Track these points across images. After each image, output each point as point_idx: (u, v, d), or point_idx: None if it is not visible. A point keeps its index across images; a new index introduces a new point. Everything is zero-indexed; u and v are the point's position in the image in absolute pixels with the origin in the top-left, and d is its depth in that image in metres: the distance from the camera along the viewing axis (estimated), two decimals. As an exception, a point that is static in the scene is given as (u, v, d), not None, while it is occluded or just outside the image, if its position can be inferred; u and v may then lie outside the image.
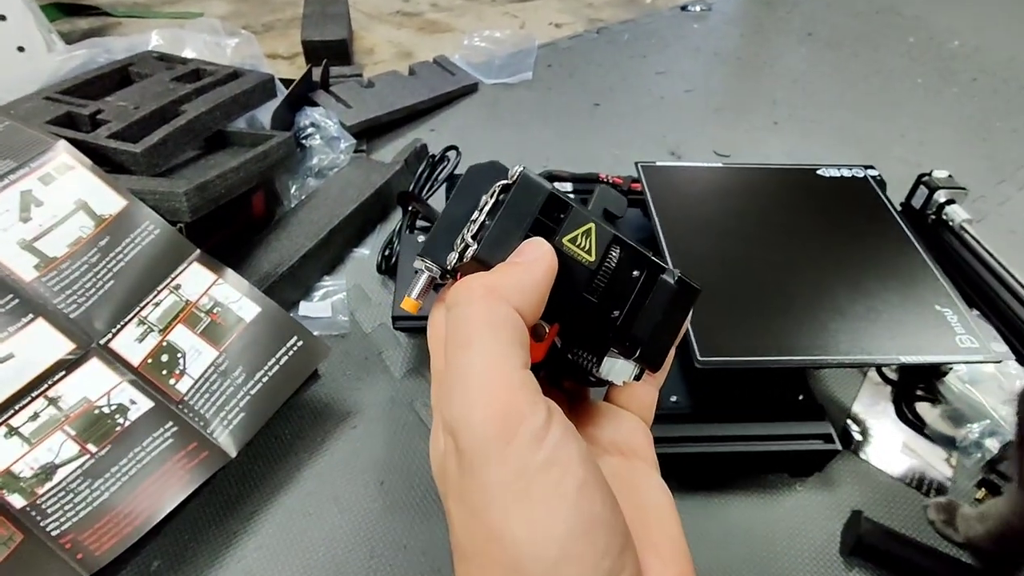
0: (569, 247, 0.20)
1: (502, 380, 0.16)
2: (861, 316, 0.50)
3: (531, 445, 0.16)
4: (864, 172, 0.63)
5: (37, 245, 0.46)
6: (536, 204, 0.20)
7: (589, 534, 0.16)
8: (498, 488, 0.16)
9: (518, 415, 0.16)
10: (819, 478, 0.51)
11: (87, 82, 0.64)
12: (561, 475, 0.16)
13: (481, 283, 0.18)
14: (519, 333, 0.18)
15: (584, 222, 0.20)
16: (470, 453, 0.16)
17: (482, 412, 0.16)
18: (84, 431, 0.42)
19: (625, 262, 0.21)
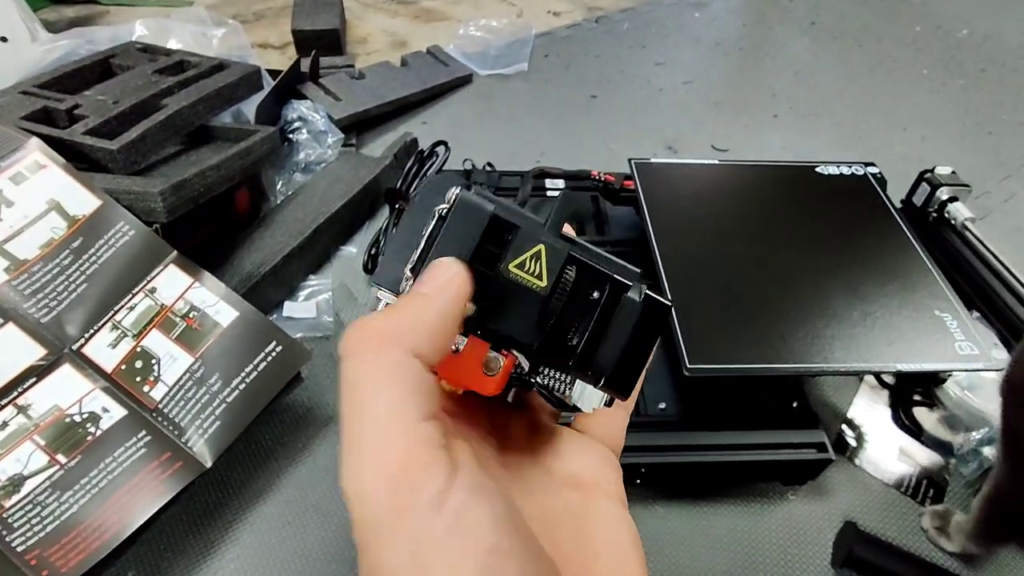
0: (517, 274, 0.18)
1: (396, 442, 0.15)
2: (858, 321, 0.48)
3: (428, 515, 0.14)
4: (864, 170, 0.62)
5: (7, 247, 0.45)
6: (477, 229, 0.18)
7: None
8: (394, 569, 0.14)
9: (413, 480, 0.14)
10: (812, 486, 0.50)
11: (66, 75, 0.62)
12: (464, 547, 0.14)
13: (371, 329, 0.16)
14: (418, 381, 0.16)
15: (532, 244, 0.18)
16: (363, 529, 0.15)
17: (372, 482, 0.14)
18: (54, 441, 0.41)
19: (581, 284, 0.19)
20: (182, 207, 0.50)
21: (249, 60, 0.76)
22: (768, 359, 0.45)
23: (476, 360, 0.18)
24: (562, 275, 0.19)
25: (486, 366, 0.19)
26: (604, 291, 0.19)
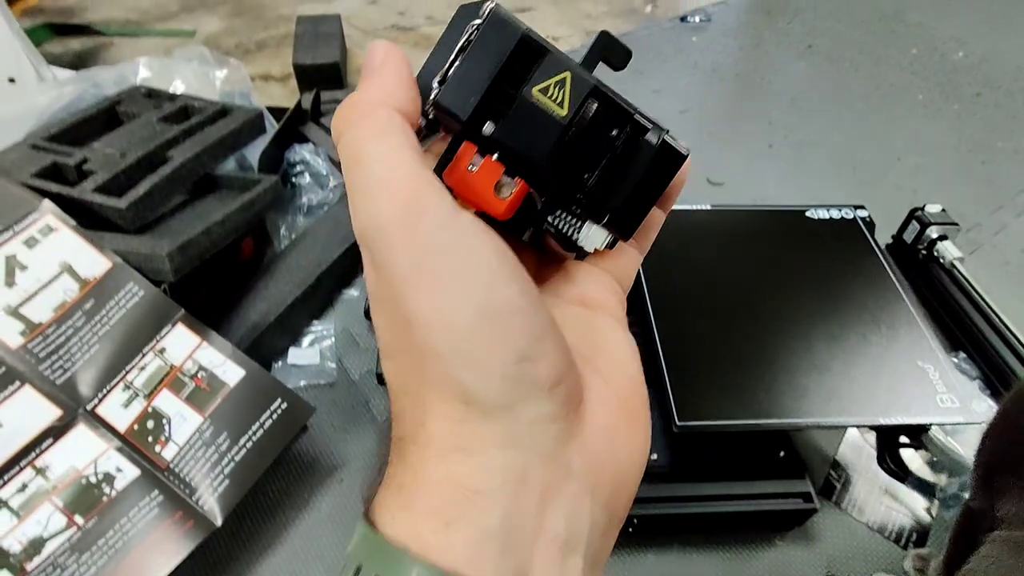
0: (539, 98, 0.18)
1: (403, 177, 0.16)
2: (841, 373, 0.50)
3: (438, 227, 0.16)
4: (853, 213, 0.63)
5: (22, 311, 0.47)
6: (507, 47, 0.18)
7: (501, 317, 0.16)
8: (406, 270, 0.16)
9: (423, 203, 0.16)
10: (799, 531, 0.52)
11: (74, 125, 0.64)
12: (469, 257, 0.16)
13: (355, 100, 0.18)
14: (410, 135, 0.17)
15: (559, 71, 0.18)
16: (379, 248, 0.16)
17: (387, 208, 0.16)
18: (72, 502, 0.43)
19: (602, 118, 0.19)
20: (188, 265, 0.52)
21: (251, 98, 0.77)
22: (755, 414, 0.47)
23: (490, 181, 0.19)
24: (583, 106, 0.18)
25: (498, 188, 0.19)
26: (624, 129, 0.19)
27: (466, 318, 0.16)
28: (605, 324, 0.21)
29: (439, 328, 0.16)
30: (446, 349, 0.16)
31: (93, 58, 0.97)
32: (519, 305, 0.16)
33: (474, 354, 0.16)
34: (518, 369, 0.16)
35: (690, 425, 0.46)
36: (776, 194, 0.81)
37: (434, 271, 0.16)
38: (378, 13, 1.12)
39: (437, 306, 0.16)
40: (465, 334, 0.16)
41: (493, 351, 0.16)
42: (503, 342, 0.16)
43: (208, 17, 1.09)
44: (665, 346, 0.50)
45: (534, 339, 0.16)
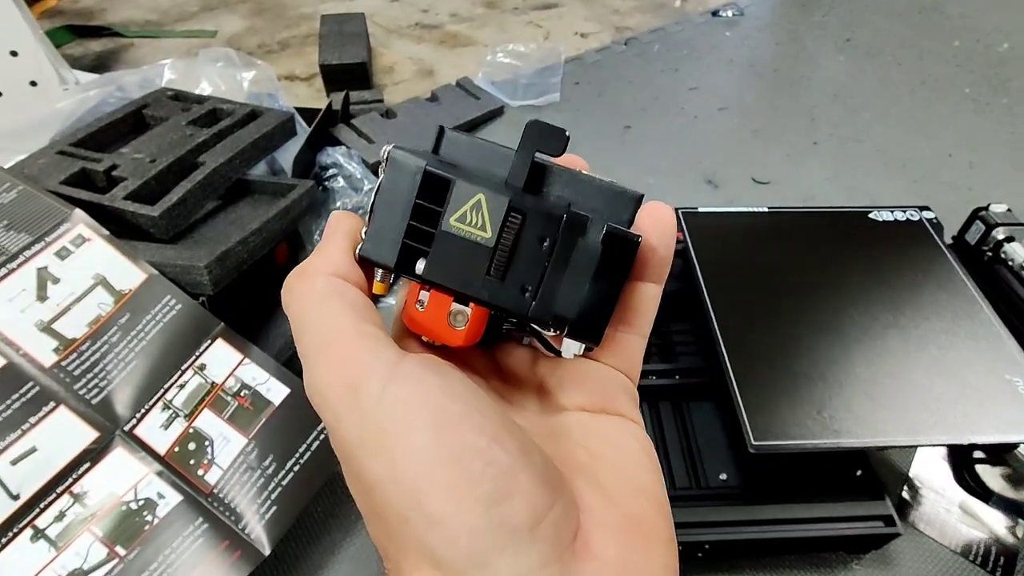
0: (458, 227, 0.18)
1: (339, 341, 0.17)
2: (923, 386, 0.46)
3: (377, 389, 0.16)
4: (919, 215, 0.59)
5: (55, 326, 0.44)
6: (412, 187, 0.18)
7: (458, 462, 0.15)
8: (354, 438, 0.16)
9: (361, 366, 0.16)
10: (877, 554, 0.49)
11: (101, 130, 0.61)
12: (414, 409, 0.16)
13: (297, 272, 0.19)
14: (347, 295, 0.18)
15: (471, 195, 0.18)
16: (327, 417, 0.17)
17: (326, 377, 0.16)
18: (112, 531, 0.40)
19: (530, 231, 0.18)
20: (227, 277, 0.49)
21: (279, 100, 0.75)
22: (836, 433, 0.44)
23: (441, 314, 0.19)
24: (505, 223, 0.18)
25: (453, 318, 0.19)
26: (556, 235, 0.18)
27: (418, 474, 0.15)
28: (610, 427, 0.20)
29: (395, 491, 0.15)
30: (406, 511, 0.15)
31: (114, 60, 0.94)
32: (474, 445, 0.15)
33: (435, 511, 0.15)
34: (488, 517, 0.15)
35: (767, 445, 0.43)
36: (824, 193, 0.77)
37: (380, 435, 0.15)
38: (401, 11, 1.10)
39: (389, 469, 0.15)
40: (421, 491, 0.15)
41: (454, 503, 0.15)
42: (463, 491, 0.15)
43: (229, 17, 1.07)
44: (732, 360, 0.47)
45: (501, 477, 0.15)
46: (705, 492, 0.47)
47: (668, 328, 0.56)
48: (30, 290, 0.45)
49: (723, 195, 0.76)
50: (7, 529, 0.39)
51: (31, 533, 0.39)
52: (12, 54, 0.73)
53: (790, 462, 0.48)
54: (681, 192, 0.75)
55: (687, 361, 0.53)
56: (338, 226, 0.19)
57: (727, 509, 0.46)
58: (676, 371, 0.52)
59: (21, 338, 0.43)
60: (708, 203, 0.61)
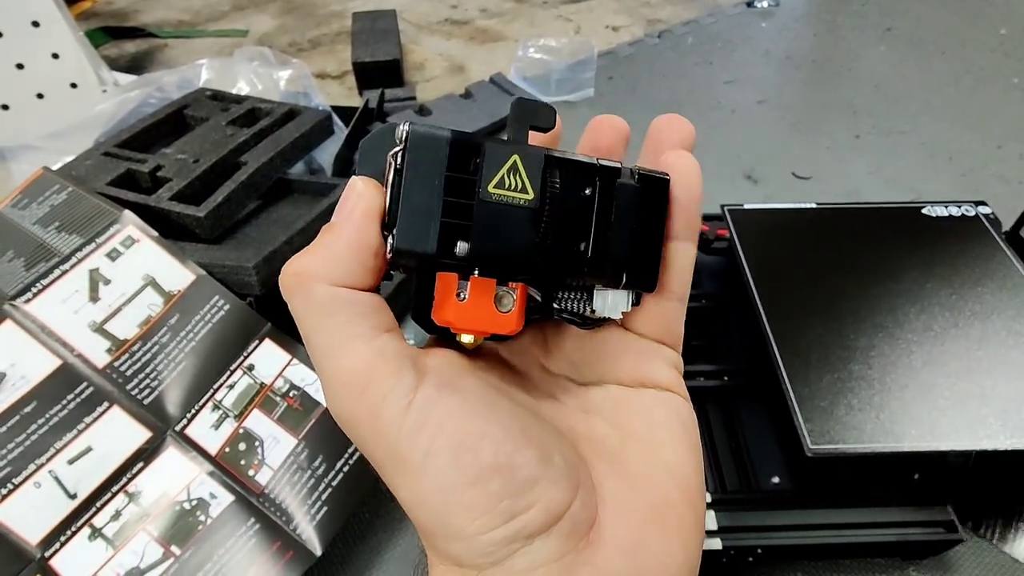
0: (500, 193, 0.17)
1: (355, 363, 0.16)
2: (988, 388, 0.45)
3: (398, 417, 0.16)
4: (975, 210, 0.57)
5: (107, 327, 0.45)
6: (441, 161, 0.16)
7: (478, 483, 0.16)
8: (380, 459, 0.16)
9: (380, 396, 0.16)
10: (936, 560, 0.47)
11: (144, 131, 0.62)
12: (433, 435, 0.16)
13: (296, 267, 0.17)
14: (356, 305, 0.16)
15: (505, 157, 0.17)
16: (353, 439, 0.17)
17: (346, 403, 0.16)
18: (167, 531, 0.40)
19: (570, 184, 0.17)
20: (274, 277, 0.49)
21: (314, 98, 0.75)
22: (894, 435, 0.43)
23: (487, 301, 0.17)
24: (547, 180, 0.17)
25: (498, 303, 0.17)
26: (595, 184, 0.17)
27: (440, 498, 0.16)
28: (648, 400, 0.19)
29: (421, 512, 0.16)
30: (431, 526, 0.16)
31: (148, 60, 0.95)
32: (493, 464, 0.16)
33: (457, 529, 0.16)
34: (506, 529, 0.16)
35: (825, 449, 0.42)
36: (868, 188, 0.75)
37: (402, 463, 0.16)
38: (431, 7, 1.09)
39: (414, 494, 0.16)
40: (444, 513, 0.16)
41: (475, 522, 0.16)
42: (483, 510, 0.16)
43: (259, 16, 1.07)
44: (785, 360, 0.46)
45: (519, 492, 0.16)
46: (756, 495, 0.46)
47: (715, 329, 0.55)
48: (82, 291, 0.45)
49: (763, 191, 0.75)
50: (66, 528, 0.40)
51: (89, 532, 0.40)
52: (54, 56, 0.74)
53: (844, 465, 0.47)
54: (720, 188, 0.74)
55: (735, 362, 0.52)
56: (355, 210, 0.17)
57: (779, 513, 0.45)
58: (724, 372, 0.51)
59: (75, 339, 0.44)
60: (748, 199, 0.60)
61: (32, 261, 0.46)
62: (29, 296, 0.44)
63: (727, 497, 0.46)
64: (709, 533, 0.43)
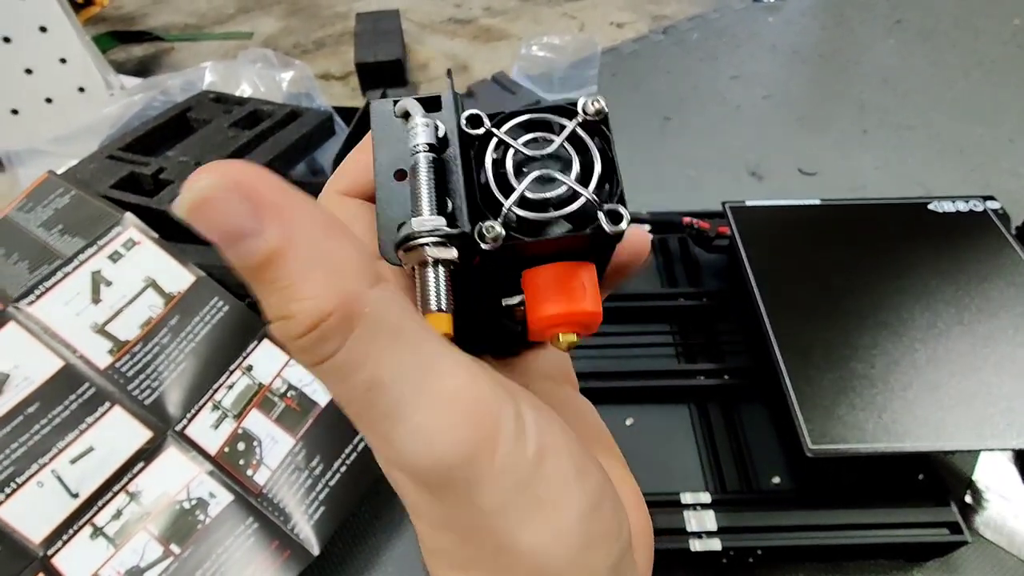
0: None
1: (455, 384, 0.13)
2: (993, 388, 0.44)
3: (517, 447, 0.13)
4: (983, 204, 0.56)
5: (109, 328, 0.45)
6: None
7: (601, 506, 0.15)
8: (500, 506, 0.13)
9: (491, 421, 0.13)
10: (941, 562, 0.46)
11: (147, 134, 0.62)
12: (556, 461, 0.14)
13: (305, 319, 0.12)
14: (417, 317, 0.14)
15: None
16: (449, 485, 0.13)
17: (450, 433, 0.12)
18: (167, 530, 0.41)
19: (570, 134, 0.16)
20: (273, 278, 0.49)
21: (317, 99, 0.75)
22: (897, 435, 0.42)
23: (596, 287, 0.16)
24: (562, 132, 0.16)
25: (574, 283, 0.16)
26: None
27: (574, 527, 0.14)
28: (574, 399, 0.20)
29: (559, 549, 0.14)
30: (565, 567, 0.14)
31: (155, 63, 0.96)
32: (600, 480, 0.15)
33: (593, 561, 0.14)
34: (620, 552, 0.15)
35: (825, 449, 0.41)
36: (875, 183, 0.74)
37: (535, 498, 0.13)
38: (434, 6, 1.09)
39: (554, 527, 0.14)
40: (584, 544, 0.14)
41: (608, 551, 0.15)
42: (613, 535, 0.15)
43: (264, 18, 1.08)
44: (786, 360, 0.46)
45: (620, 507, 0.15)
46: (757, 496, 0.46)
47: (716, 327, 0.55)
48: (84, 293, 0.46)
49: (768, 187, 0.74)
50: (68, 526, 0.40)
51: (90, 531, 0.40)
52: (61, 61, 0.75)
53: (847, 465, 0.46)
54: (723, 185, 0.73)
55: (736, 361, 0.52)
56: None
57: (780, 514, 0.44)
58: (725, 371, 0.51)
59: (77, 340, 0.44)
60: (752, 196, 0.59)
61: (36, 264, 0.47)
62: (32, 298, 0.45)
63: (727, 497, 0.45)
64: (708, 534, 0.43)
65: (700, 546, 0.42)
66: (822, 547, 0.44)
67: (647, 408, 0.50)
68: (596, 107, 0.15)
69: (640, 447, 0.48)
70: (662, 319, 0.55)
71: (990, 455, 0.52)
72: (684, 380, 0.50)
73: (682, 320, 0.55)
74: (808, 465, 0.46)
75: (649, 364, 0.52)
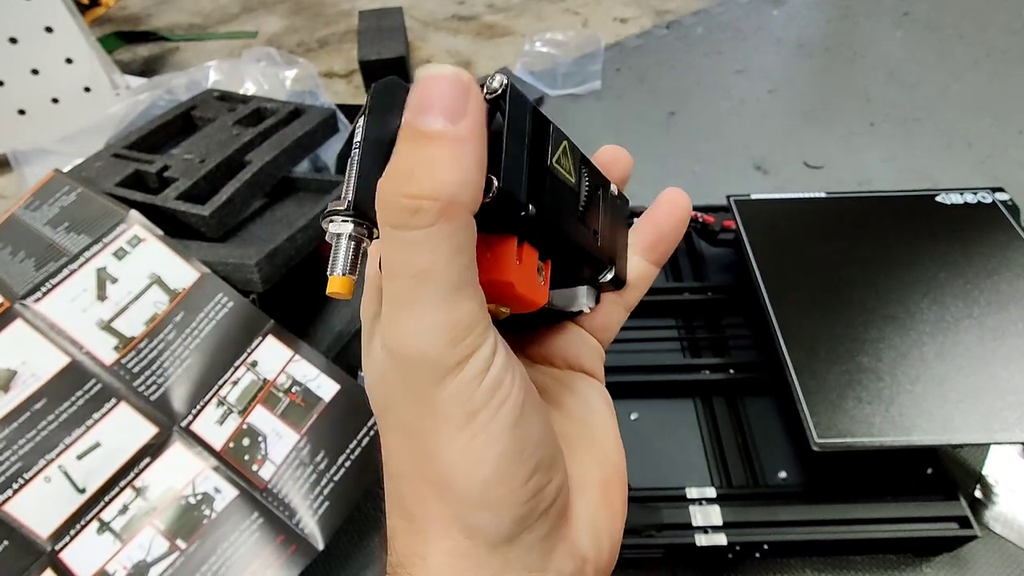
0: (557, 168, 0.17)
1: (457, 310, 0.15)
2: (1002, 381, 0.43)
3: (479, 374, 0.16)
4: (991, 196, 0.56)
5: (115, 325, 0.46)
6: (527, 121, 0.17)
7: (522, 454, 0.16)
8: (443, 415, 0.16)
9: (470, 344, 0.15)
10: (949, 557, 0.46)
11: (152, 132, 0.63)
12: (503, 401, 0.16)
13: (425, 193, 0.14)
14: (473, 247, 0.15)
15: (561, 139, 0.18)
16: (418, 381, 0.16)
17: (436, 342, 0.15)
18: (172, 525, 0.41)
19: (591, 181, 0.19)
20: (276, 274, 0.49)
21: (320, 97, 0.75)
22: (904, 429, 0.42)
23: (533, 269, 0.17)
24: (580, 172, 0.19)
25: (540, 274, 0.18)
26: (605, 187, 0.20)
27: (491, 462, 0.16)
28: (589, 388, 0.21)
29: (468, 469, 0.16)
30: (470, 493, 0.16)
31: (161, 63, 0.97)
32: (537, 438, 0.16)
33: (496, 495, 0.16)
34: (529, 504, 0.16)
35: (832, 443, 0.41)
36: (882, 176, 0.73)
37: (471, 419, 0.16)
38: (438, 3, 1.09)
39: (466, 452, 0.16)
40: (489, 476, 0.16)
41: (513, 492, 0.16)
42: (523, 480, 0.16)
43: (268, 17, 1.08)
44: (792, 354, 0.45)
45: (546, 469, 0.17)
46: (763, 491, 0.45)
47: (721, 322, 0.54)
48: (90, 290, 0.46)
49: (773, 181, 0.73)
50: (75, 521, 0.40)
51: (97, 526, 0.41)
52: (67, 61, 0.75)
53: (854, 460, 0.46)
54: (729, 179, 0.73)
55: (742, 355, 0.51)
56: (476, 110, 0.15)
57: (787, 508, 0.44)
58: (730, 365, 0.50)
59: (83, 337, 0.45)
60: (758, 190, 0.59)
61: (42, 261, 0.47)
62: (39, 295, 0.45)
63: (733, 492, 0.45)
64: (714, 528, 0.43)
65: (706, 541, 0.41)
66: (829, 542, 0.43)
67: (652, 403, 0.50)
68: (494, 85, 0.16)
69: (645, 442, 0.48)
70: (667, 313, 0.55)
71: (1000, 449, 0.51)
72: (689, 374, 0.50)
73: (687, 314, 0.55)
74: (815, 459, 0.46)
75: (654, 359, 0.52)
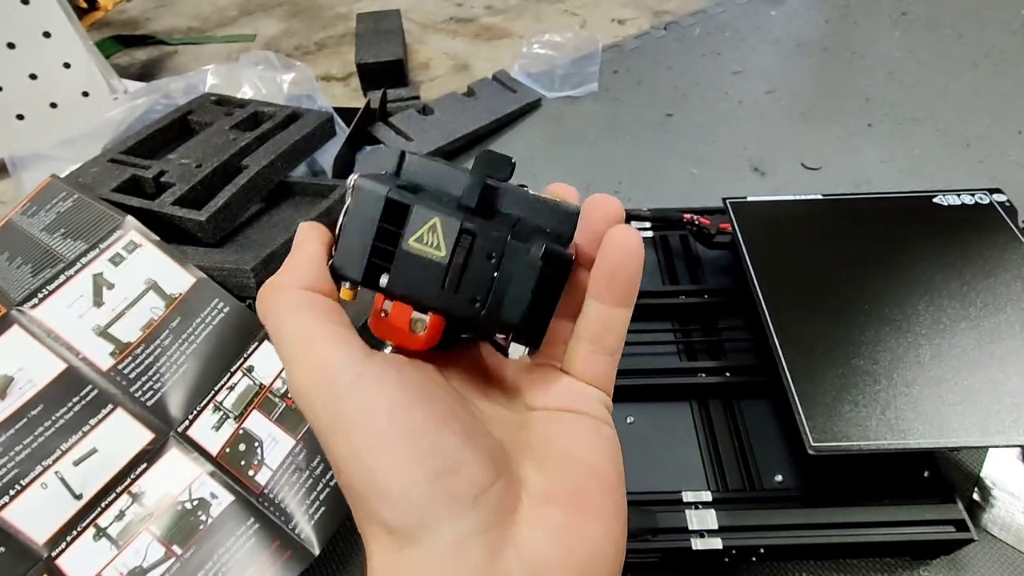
0: (417, 247, 0.20)
1: (314, 345, 0.19)
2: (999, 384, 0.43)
3: (349, 384, 0.18)
4: (989, 198, 0.56)
5: (111, 331, 0.46)
6: (376, 211, 0.20)
7: (408, 440, 0.18)
8: (326, 425, 0.18)
9: (335, 366, 0.18)
10: (947, 560, 0.46)
11: (149, 137, 0.63)
12: (373, 398, 0.18)
13: (269, 286, 0.21)
14: (318, 304, 0.20)
15: (427, 219, 0.20)
16: (308, 414, 0.19)
17: (302, 379, 0.19)
18: (169, 531, 0.41)
19: (478, 250, 0.21)
20: (273, 279, 0.49)
21: (318, 100, 0.75)
22: (901, 432, 0.41)
23: (403, 321, 0.21)
24: (458, 243, 0.20)
25: (413, 325, 0.21)
26: (502, 252, 0.21)
27: (373, 452, 0.18)
28: (575, 421, 0.22)
29: (354, 467, 0.18)
30: (364, 487, 0.18)
31: (159, 67, 0.97)
32: (423, 428, 0.18)
33: (386, 486, 0.17)
34: (433, 488, 0.17)
35: (827, 447, 0.41)
36: (880, 177, 0.73)
37: (345, 421, 0.18)
38: (435, 5, 1.09)
39: (348, 447, 0.18)
40: (375, 468, 0.17)
41: (404, 477, 0.17)
42: (412, 465, 0.17)
43: (266, 20, 1.08)
44: (787, 356, 0.45)
45: (445, 455, 0.18)
46: (759, 494, 0.45)
47: (717, 324, 0.54)
48: (87, 296, 0.46)
49: (771, 183, 0.73)
50: (72, 528, 0.40)
51: (93, 532, 0.41)
52: (65, 66, 0.76)
53: (851, 463, 0.46)
54: (726, 181, 0.73)
55: (738, 358, 0.51)
56: (306, 237, 0.22)
57: (783, 512, 0.44)
58: (727, 368, 0.50)
59: (80, 342, 0.45)
60: (755, 191, 0.59)
61: (39, 267, 0.47)
62: (35, 301, 0.45)
63: (729, 496, 0.45)
64: (710, 532, 0.42)
65: (701, 545, 0.41)
66: (825, 545, 0.43)
67: (648, 406, 0.50)
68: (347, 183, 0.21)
69: (641, 445, 0.48)
70: (663, 316, 0.55)
71: (997, 452, 0.51)
72: (685, 378, 0.50)
73: (683, 317, 0.55)
74: (811, 463, 0.45)
75: (650, 362, 0.52)
